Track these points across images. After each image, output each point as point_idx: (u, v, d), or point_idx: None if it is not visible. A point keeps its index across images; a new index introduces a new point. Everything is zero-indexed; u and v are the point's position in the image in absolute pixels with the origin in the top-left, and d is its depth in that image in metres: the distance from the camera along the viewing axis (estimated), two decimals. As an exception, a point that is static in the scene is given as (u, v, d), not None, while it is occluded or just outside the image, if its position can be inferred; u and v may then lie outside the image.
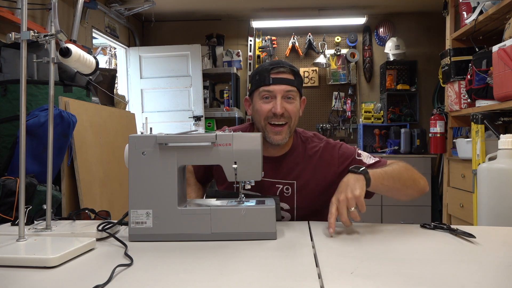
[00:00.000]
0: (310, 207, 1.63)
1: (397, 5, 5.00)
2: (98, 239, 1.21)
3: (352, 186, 1.31)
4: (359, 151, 1.65)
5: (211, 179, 1.85)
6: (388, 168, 1.48)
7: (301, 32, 5.36)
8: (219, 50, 5.30)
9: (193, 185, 1.79)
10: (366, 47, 5.35)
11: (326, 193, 1.63)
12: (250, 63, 5.43)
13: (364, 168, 1.37)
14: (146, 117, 4.85)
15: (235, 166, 1.28)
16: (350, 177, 1.36)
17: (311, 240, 1.23)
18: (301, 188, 1.62)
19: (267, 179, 1.62)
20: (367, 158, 1.63)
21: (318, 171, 1.63)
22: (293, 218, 1.63)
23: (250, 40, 5.44)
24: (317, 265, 0.99)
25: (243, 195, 1.37)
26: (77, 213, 1.47)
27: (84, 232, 1.25)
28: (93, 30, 4.22)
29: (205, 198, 1.75)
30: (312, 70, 5.36)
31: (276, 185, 1.63)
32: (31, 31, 1.16)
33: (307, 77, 5.35)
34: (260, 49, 5.38)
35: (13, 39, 1.15)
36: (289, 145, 1.66)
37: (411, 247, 1.16)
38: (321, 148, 1.65)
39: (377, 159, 1.63)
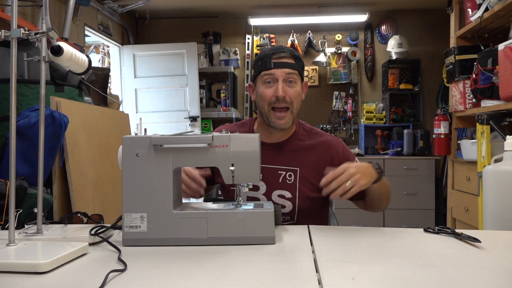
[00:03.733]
0: (311, 200, 1.66)
1: (399, 2, 5.01)
2: (90, 244, 1.21)
3: (365, 172, 1.41)
4: (357, 160, 1.72)
5: (216, 183, 1.84)
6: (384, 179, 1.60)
7: (300, 29, 5.37)
8: (216, 48, 5.31)
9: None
10: (367, 45, 5.36)
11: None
12: (247, 62, 5.44)
13: (382, 170, 1.50)
14: (140, 118, 4.77)
15: (232, 168, 1.28)
16: (370, 166, 1.46)
17: (311, 245, 1.23)
18: (304, 176, 1.66)
19: (269, 166, 1.66)
20: None
21: (321, 162, 1.67)
22: (294, 208, 1.65)
23: (248, 38, 5.44)
24: (317, 271, 0.99)
25: (240, 198, 1.37)
26: (69, 216, 1.47)
27: (76, 237, 1.24)
28: (86, 27, 4.22)
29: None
30: (312, 69, 5.37)
31: (279, 172, 1.67)
32: (21, 28, 1.16)
33: (306, 76, 5.35)
34: (258, 47, 5.38)
35: (2, 37, 1.15)
36: (292, 131, 1.73)
37: (414, 252, 1.17)
38: (326, 139, 1.72)
39: None
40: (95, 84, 3.27)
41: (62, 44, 1.29)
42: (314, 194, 1.66)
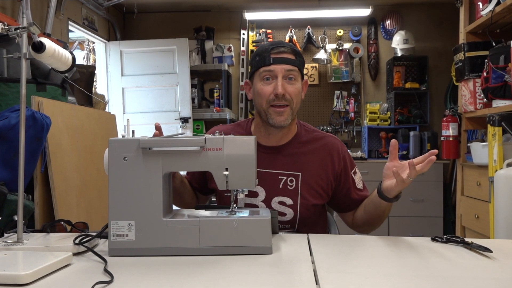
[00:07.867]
0: (314, 207, 1.66)
1: (405, -5, 5.04)
2: (74, 254, 1.21)
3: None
4: (357, 169, 1.75)
5: (212, 191, 1.84)
6: None
7: (299, 24, 5.37)
8: (209, 44, 5.31)
9: None
10: (371, 41, 5.36)
11: (325, 194, 1.69)
12: (243, 59, 5.44)
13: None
14: (128, 119, 4.84)
15: (226, 173, 1.28)
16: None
17: (311, 255, 1.23)
18: (306, 181, 1.66)
19: (269, 170, 1.66)
20: (359, 180, 1.74)
21: (324, 166, 1.68)
22: (295, 216, 1.65)
23: (243, 34, 5.45)
24: (317, 283, 0.99)
25: (235, 205, 1.37)
26: (52, 225, 1.47)
27: (60, 246, 1.24)
28: (69, 22, 4.22)
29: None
30: (311, 67, 5.38)
31: (279, 177, 1.66)
32: (0, 23, 1.16)
33: (306, 74, 5.36)
34: (254, 44, 5.39)
35: (-20, 33, 1.15)
36: (293, 133, 1.73)
37: (421, 262, 1.17)
38: (329, 142, 1.73)
39: (363, 187, 1.76)
40: (79, 83, 3.26)
41: (44, 40, 1.30)
42: (316, 200, 1.66)
